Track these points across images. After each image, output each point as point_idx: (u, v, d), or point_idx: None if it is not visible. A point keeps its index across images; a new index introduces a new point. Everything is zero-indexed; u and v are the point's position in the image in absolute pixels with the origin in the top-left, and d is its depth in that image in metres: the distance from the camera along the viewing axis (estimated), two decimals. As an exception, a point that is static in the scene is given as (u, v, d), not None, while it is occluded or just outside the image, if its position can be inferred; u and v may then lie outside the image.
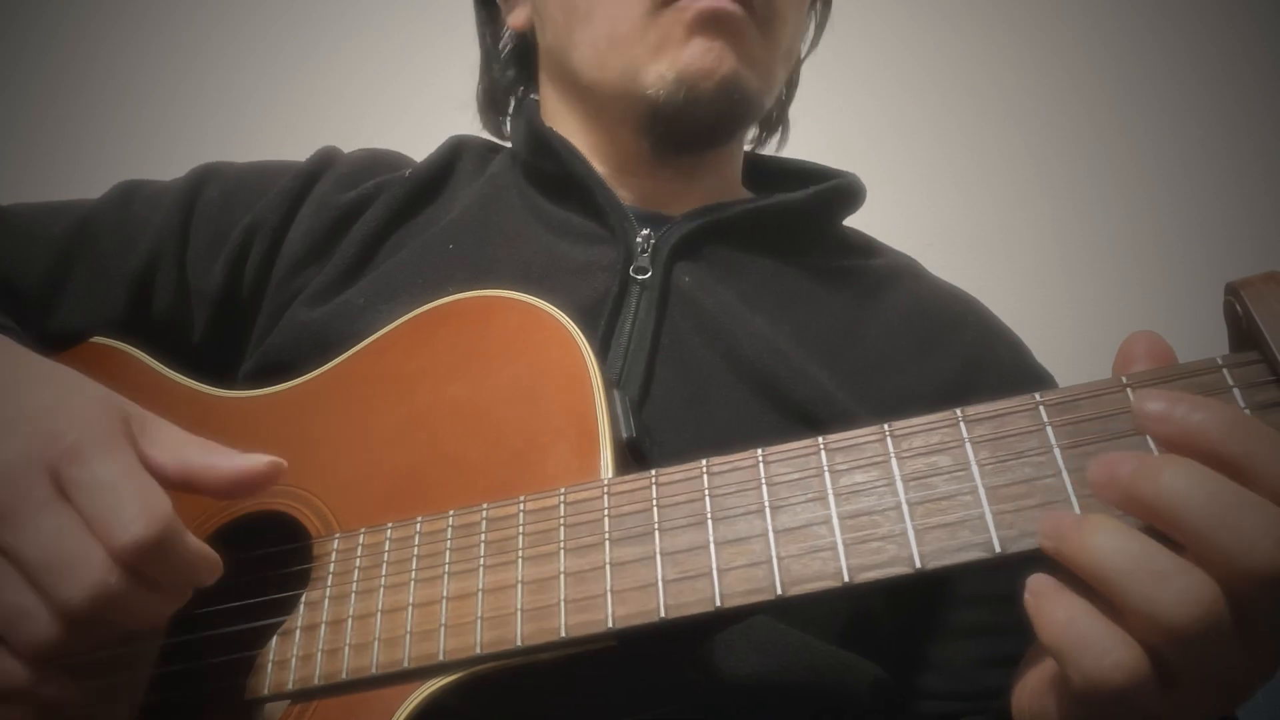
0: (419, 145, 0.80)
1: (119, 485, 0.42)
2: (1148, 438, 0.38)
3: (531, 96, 0.84)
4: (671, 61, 0.67)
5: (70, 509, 0.42)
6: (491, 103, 0.87)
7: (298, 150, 0.78)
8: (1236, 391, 0.38)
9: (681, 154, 0.72)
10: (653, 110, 0.68)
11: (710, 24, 0.66)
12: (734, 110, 0.70)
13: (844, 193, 0.75)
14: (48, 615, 0.41)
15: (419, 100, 1.28)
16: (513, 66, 0.85)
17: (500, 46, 0.85)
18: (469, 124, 0.85)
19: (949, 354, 0.68)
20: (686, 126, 0.69)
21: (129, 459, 0.44)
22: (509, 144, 0.81)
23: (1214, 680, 0.35)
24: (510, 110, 0.87)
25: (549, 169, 0.72)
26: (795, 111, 0.88)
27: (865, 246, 0.77)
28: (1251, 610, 0.33)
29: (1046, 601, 0.36)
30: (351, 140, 0.80)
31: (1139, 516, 0.35)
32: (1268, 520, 0.33)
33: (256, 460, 0.46)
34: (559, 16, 0.73)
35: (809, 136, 0.89)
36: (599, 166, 0.72)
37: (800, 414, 0.61)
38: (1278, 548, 0.32)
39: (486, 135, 0.83)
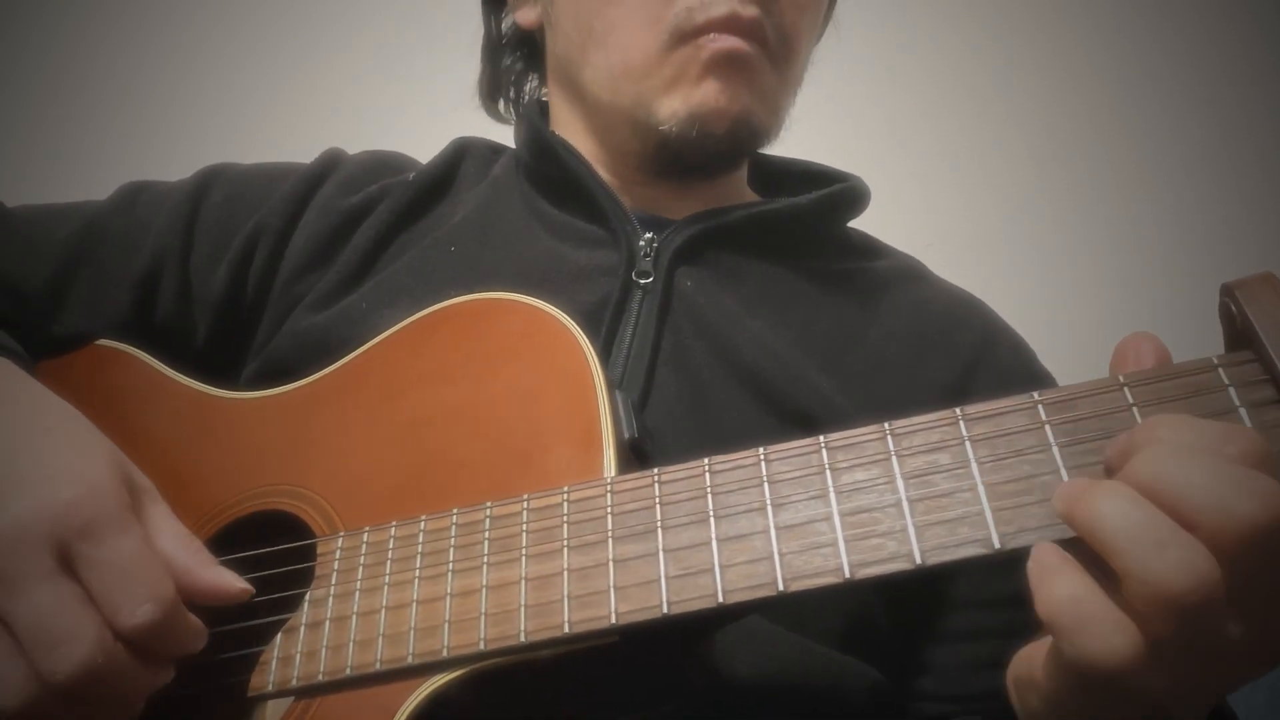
0: (423, 146, 0.80)
1: (132, 568, 0.44)
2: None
3: (535, 98, 0.84)
4: (685, 99, 0.67)
5: (71, 583, 0.43)
6: (493, 90, 0.87)
7: (301, 151, 0.78)
8: (1231, 391, 0.39)
9: (686, 177, 0.73)
10: (662, 142, 0.69)
11: (726, 64, 0.66)
12: (743, 145, 0.71)
13: (849, 197, 0.75)
14: (24, 678, 0.42)
15: (423, 100, 1.28)
16: (517, 59, 0.85)
17: (504, 34, 0.85)
18: (472, 124, 0.85)
19: (949, 357, 0.68)
20: (693, 159, 0.70)
21: (139, 539, 0.45)
22: (510, 140, 0.81)
23: (1201, 662, 0.35)
24: (510, 96, 0.86)
25: (551, 173, 0.73)
26: (795, 111, 0.88)
27: (869, 248, 0.77)
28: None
29: (1050, 574, 0.36)
30: (356, 141, 0.80)
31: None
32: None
33: (231, 583, 0.48)
34: (572, 31, 0.73)
35: (809, 137, 0.89)
36: (601, 171, 0.72)
37: (799, 419, 0.62)
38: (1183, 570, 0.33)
39: (490, 137, 0.83)
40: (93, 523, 0.44)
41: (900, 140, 1.45)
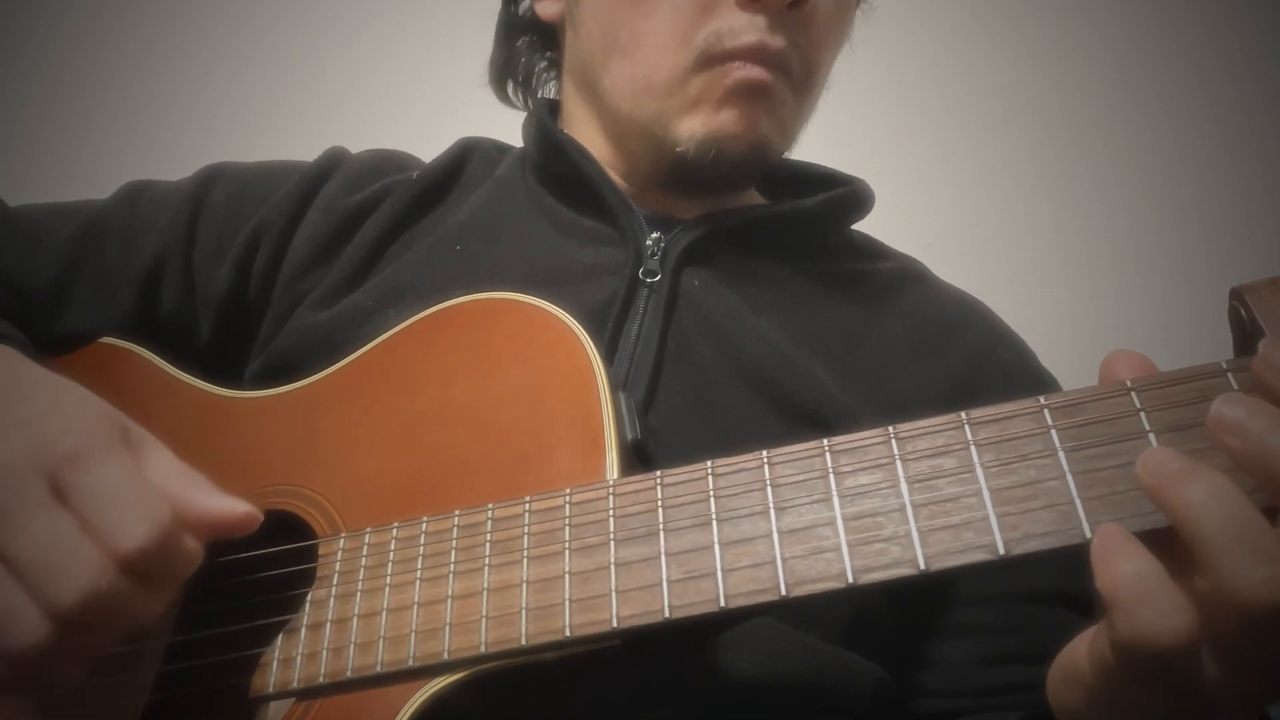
0: (427, 145, 0.80)
1: (121, 491, 0.43)
2: (1151, 436, 0.38)
3: (545, 95, 0.84)
4: (704, 121, 0.67)
5: (65, 512, 0.43)
6: (504, 72, 0.86)
7: (305, 150, 0.78)
8: (1240, 396, 0.38)
9: (697, 191, 0.73)
10: (677, 161, 0.68)
11: (749, 93, 0.66)
12: (758, 167, 0.72)
13: (853, 200, 0.75)
14: (37, 616, 0.41)
15: (427, 99, 1.28)
16: (533, 45, 0.84)
17: (522, 15, 0.84)
18: (477, 123, 0.85)
19: (952, 357, 0.68)
20: (707, 178, 0.70)
21: (129, 465, 0.44)
22: (516, 139, 0.81)
23: (1257, 674, 0.34)
24: (520, 80, 0.86)
25: (559, 170, 0.73)
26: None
27: (872, 250, 0.78)
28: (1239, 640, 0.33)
29: (1115, 551, 0.35)
30: (359, 140, 0.80)
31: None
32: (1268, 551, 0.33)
33: (234, 506, 0.47)
34: (596, 36, 0.72)
35: (810, 137, 0.89)
36: (611, 173, 0.73)
37: (805, 417, 0.62)
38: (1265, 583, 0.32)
39: (495, 135, 0.83)
40: (78, 450, 0.43)
41: (901, 141, 1.44)
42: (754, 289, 0.68)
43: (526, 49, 0.84)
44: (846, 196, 0.74)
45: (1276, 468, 0.33)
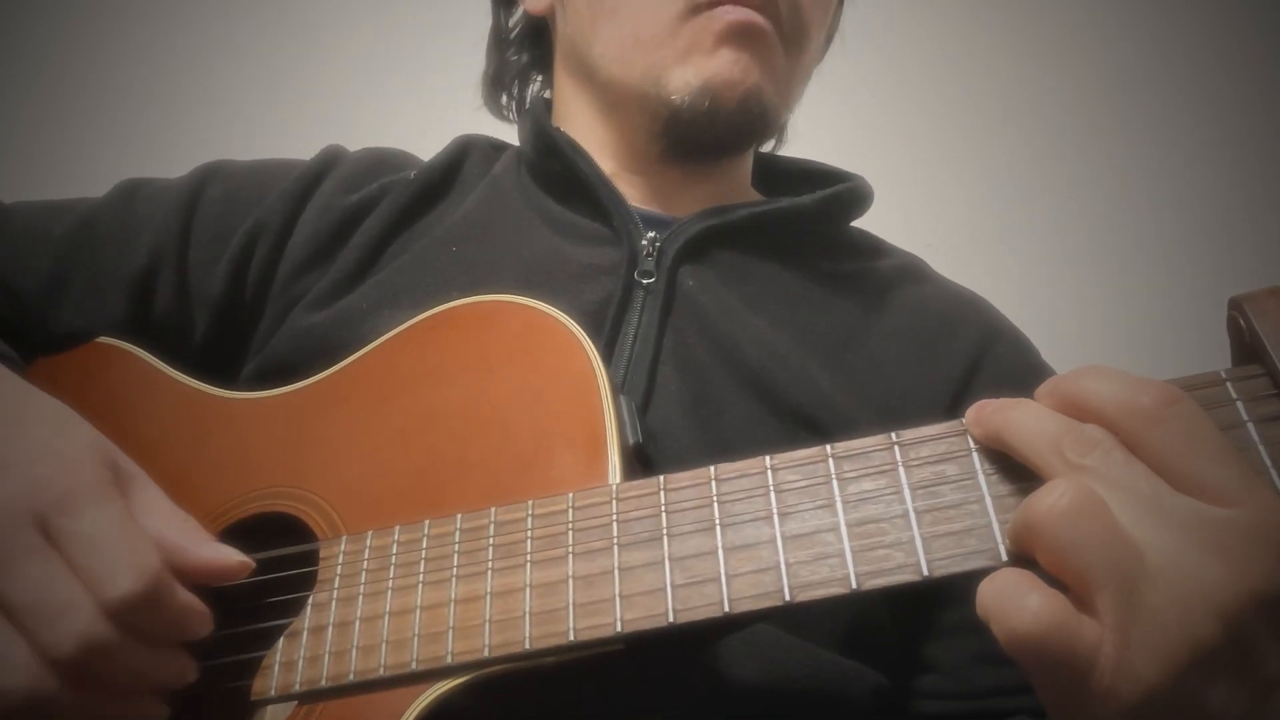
0: (424, 143, 0.79)
1: (109, 538, 0.43)
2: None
3: (541, 95, 0.84)
4: (698, 69, 0.67)
5: (59, 557, 0.43)
6: (497, 84, 0.87)
7: (302, 148, 0.77)
8: (1240, 404, 0.39)
9: (694, 159, 0.73)
10: (673, 115, 0.69)
11: (740, 36, 0.67)
12: (753, 123, 0.71)
13: (852, 198, 0.75)
14: (29, 659, 0.41)
15: (424, 97, 1.28)
16: (524, 50, 0.85)
17: (512, 26, 0.85)
18: (475, 121, 0.85)
19: (951, 355, 0.68)
20: (704, 135, 0.70)
21: (119, 511, 0.44)
22: (513, 135, 0.81)
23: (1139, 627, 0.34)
24: (514, 93, 0.87)
25: (555, 169, 0.72)
26: (797, 109, 0.88)
27: (872, 248, 0.77)
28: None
29: (979, 589, 0.37)
30: (357, 138, 0.80)
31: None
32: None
33: (228, 557, 0.47)
34: (584, 8, 0.73)
35: (810, 136, 0.89)
36: (606, 162, 0.72)
37: (801, 418, 0.62)
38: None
39: (492, 134, 0.83)
40: (67, 496, 0.43)
41: (900, 140, 1.44)
42: (751, 288, 0.68)
43: (518, 58, 0.85)
44: (845, 193, 0.74)
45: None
